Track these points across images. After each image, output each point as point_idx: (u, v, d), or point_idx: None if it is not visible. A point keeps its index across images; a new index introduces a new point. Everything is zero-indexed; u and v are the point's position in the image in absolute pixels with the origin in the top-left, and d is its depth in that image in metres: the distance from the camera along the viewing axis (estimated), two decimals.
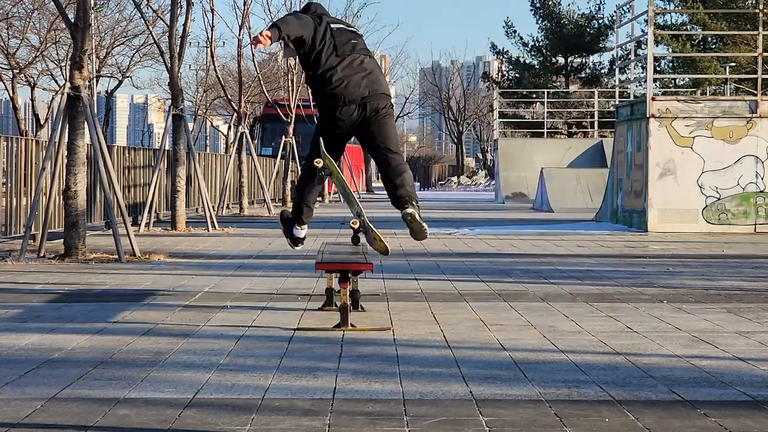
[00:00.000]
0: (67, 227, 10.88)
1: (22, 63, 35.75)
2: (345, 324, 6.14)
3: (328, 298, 7.07)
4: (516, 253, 11.99)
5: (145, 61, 41.51)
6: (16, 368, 4.93)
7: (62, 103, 10.96)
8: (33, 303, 7.39)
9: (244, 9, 23.28)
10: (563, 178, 25.67)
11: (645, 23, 21.57)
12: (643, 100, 16.40)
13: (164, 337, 5.86)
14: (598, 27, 52.87)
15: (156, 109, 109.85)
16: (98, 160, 11.46)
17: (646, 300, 7.67)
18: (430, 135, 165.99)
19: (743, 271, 9.99)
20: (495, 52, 55.01)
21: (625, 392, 4.46)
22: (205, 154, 25.11)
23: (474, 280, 8.98)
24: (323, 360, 5.18)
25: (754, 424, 3.94)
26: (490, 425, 3.88)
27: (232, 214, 22.32)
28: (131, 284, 8.61)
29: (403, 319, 6.60)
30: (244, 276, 9.31)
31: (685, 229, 15.81)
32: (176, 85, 16.09)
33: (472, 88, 78.26)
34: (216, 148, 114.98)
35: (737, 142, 16.01)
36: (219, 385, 4.57)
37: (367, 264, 6.32)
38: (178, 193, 15.94)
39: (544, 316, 6.80)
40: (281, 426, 3.85)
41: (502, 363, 5.12)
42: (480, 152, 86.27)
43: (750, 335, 6.03)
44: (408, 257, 11.35)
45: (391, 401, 4.27)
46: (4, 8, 33.95)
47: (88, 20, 10.95)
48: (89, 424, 3.87)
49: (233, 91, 36.61)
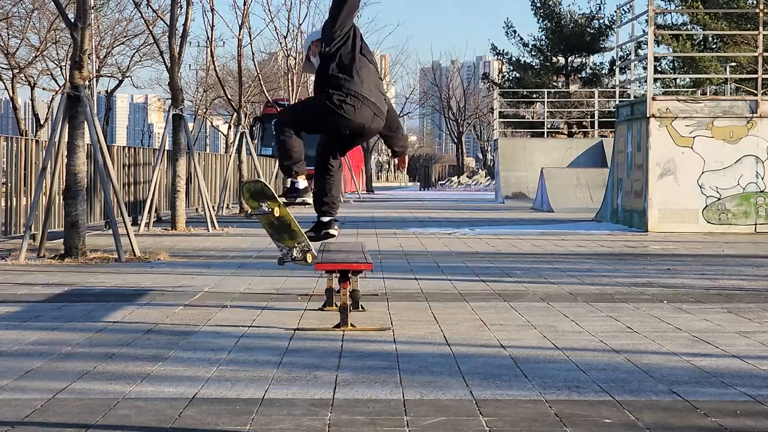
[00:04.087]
0: (67, 227, 10.88)
1: (22, 63, 35.74)
2: (345, 324, 6.14)
3: (328, 298, 7.07)
4: (516, 253, 11.99)
5: (145, 61, 41.51)
6: (16, 368, 4.93)
7: (62, 103, 10.97)
8: (33, 303, 7.39)
9: (244, 9, 23.29)
10: (563, 178, 25.66)
11: (645, 23, 21.56)
12: (643, 100, 16.40)
13: (164, 337, 5.86)
14: (599, 27, 52.86)
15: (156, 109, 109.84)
16: (98, 160, 11.46)
17: (646, 300, 7.67)
18: (430, 135, 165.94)
19: (743, 271, 9.99)
20: (495, 53, 55.00)
21: (625, 392, 4.46)
22: (205, 153, 25.12)
23: (474, 280, 8.98)
24: (323, 360, 5.18)
25: (754, 424, 3.94)
26: (490, 425, 3.88)
27: (232, 214, 22.32)
28: (131, 284, 8.61)
29: (403, 319, 6.60)
30: (244, 276, 9.31)
31: (685, 229, 15.80)
32: (176, 84, 16.09)
33: (472, 88, 78.23)
34: (216, 148, 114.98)
35: (737, 142, 16.01)
36: (219, 385, 4.57)
37: (367, 264, 6.32)
38: (178, 192, 15.94)
39: (544, 316, 6.80)
40: (281, 426, 3.85)
41: (503, 363, 5.12)
42: (480, 152, 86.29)
43: (750, 335, 6.03)
44: (408, 257, 11.35)
45: (391, 401, 4.27)
46: (4, 8, 33.94)
47: (88, 20, 10.95)
48: (89, 424, 3.87)
49: (233, 91, 36.60)
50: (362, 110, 6.67)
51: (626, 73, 40.90)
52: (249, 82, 39.08)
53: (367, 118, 6.71)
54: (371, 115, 6.72)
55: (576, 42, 52.28)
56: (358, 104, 6.61)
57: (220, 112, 60.86)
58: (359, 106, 6.62)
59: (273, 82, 43.75)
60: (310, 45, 6.90)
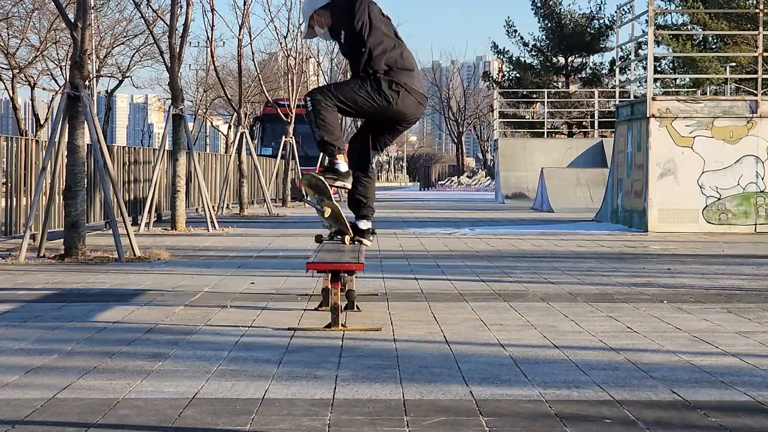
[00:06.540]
0: (67, 227, 10.88)
1: (22, 63, 35.74)
2: (336, 324, 6.12)
3: (324, 298, 7.05)
4: (516, 253, 11.99)
5: (145, 61, 41.53)
6: (16, 368, 4.93)
7: (62, 103, 10.96)
8: (33, 302, 7.39)
9: (244, 9, 23.30)
10: (563, 178, 25.66)
11: (645, 23, 21.57)
12: (643, 100, 16.40)
13: (164, 337, 5.86)
14: (599, 27, 52.91)
15: (156, 109, 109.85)
16: (98, 160, 11.46)
17: (646, 300, 7.67)
18: (430, 135, 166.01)
19: (743, 271, 9.99)
20: (496, 52, 55.03)
21: (625, 392, 4.46)
22: (205, 153, 25.11)
23: (474, 280, 8.98)
24: (323, 360, 5.18)
25: (754, 424, 3.94)
26: (490, 425, 3.88)
27: (232, 214, 22.32)
28: (131, 284, 8.61)
29: (403, 319, 6.60)
30: (244, 276, 9.31)
31: (685, 229, 15.80)
32: (176, 85, 16.09)
33: (472, 88, 78.26)
34: (216, 148, 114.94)
35: (737, 142, 16.01)
36: (219, 385, 4.57)
37: (358, 264, 6.26)
38: (178, 192, 15.94)
39: (544, 316, 6.80)
40: (281, 426, 3.85)
41: (503, 363, 5.12)
42: (480, 152, 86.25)
43: (750, 335, 6.03)
44: (408, 257, 11.35)
45: (391, 401, 4.27)
46: (4, 8, 33.95)
47: (88, 20, 10.95)
48: (90, 423, 3.87)
49: (233, 91, 36.60)
50: (406, 98, 6.68)
51: (626, 73, 40.88)
52: (249, 82, 39.09)
53: (411, 106, 6.73)
54: (415, 104, 6.74)
55: (576, 42, 52.32)
56: (403, 93, 6.63)
57: (220, 112, 60.89)
58: (404, 94, 6.63)
59: (273, 82, 43.74)
60: (313, 14, 6.82)
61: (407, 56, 6.77)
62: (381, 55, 6.65)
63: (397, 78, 6.67)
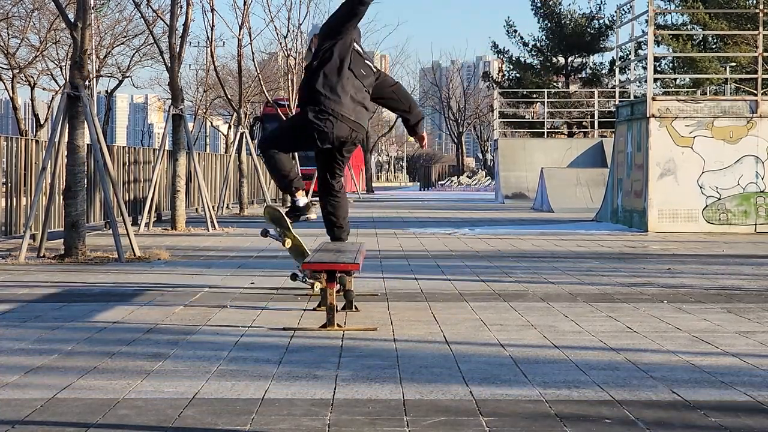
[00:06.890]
0: (67, 227, 10.89)
1: (22, 63, 35.73)
2: (331, 324, 6.11)
3: (322, 298, 7.05)
4: (516, 253, 11.99)
5: (145, 61, 41.50)
6: (16, 368, 4.93)
7: (62, 103, 10.97)
8: (33, 302, 7.39)
9: (244, 9, 23.29)
10: (563, 178, 25.65)
11: (645, 23, 21.57)
12: (643, 100, 16.40)
13: (164, 337, 5.86)
14: (599, 27, 52.88)
15: (156, 109, 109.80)
16: (98, 160, 11.46)
17: (646, 300, 7.67)
18: (430, 135, 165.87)
19: (743, 271, 9.99)
20: (496, 52, 55.01)
21: (625, 392, 4.46)
22: (205, 153, 25.12)
23: (474, 280, 8.98)
24: (323, 360, 5.18)
25: (754, 424, 3.94)
26: (490, 425, 3.88)
27: (232, 214, 22.32)
28: (131, 284, 8.61)
29: (403, 319, 6.60)
30: (244, 276, 9.31)
31: (685, 229, 15.80)
32: (176, 85, 16.09)
33: (472, 88, 78.26)
34: (216, 148, 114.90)
35: (737, 142, 16.01)
36: (219, 385, 4.57)
37: (354, 264, 6.26)
38: (178, 192, 15.94)
39: (544, 316, 6.80)
40: (281, 426, 3.85)
41: (503, 363, 5.12)
42: (480, 152, 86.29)
43: (750, 335, 6.03)
44: (408, 257, 11.35)
45: (391, 401, 4.27)
46: (4, 8, 33.93)
47: (88, 20, 10.95)
48: (90, 423, 3.87)
49: (233, 91, 36.59)
50: (340, 126, 7.06)
51: (626, 73, 40.86)
52: (249, 82, 39.08)
53: (345, 132, 7.11)
54: (349, 130, 7.14)
55: (576, 42, 52.30)
56: (335, 121, 7.00)
57: (220, 112, 60.84)
58: (336, 123, 7.00)
59: (273, 82, 43.70)
60: (312, 38, 7.39)
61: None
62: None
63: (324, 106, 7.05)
